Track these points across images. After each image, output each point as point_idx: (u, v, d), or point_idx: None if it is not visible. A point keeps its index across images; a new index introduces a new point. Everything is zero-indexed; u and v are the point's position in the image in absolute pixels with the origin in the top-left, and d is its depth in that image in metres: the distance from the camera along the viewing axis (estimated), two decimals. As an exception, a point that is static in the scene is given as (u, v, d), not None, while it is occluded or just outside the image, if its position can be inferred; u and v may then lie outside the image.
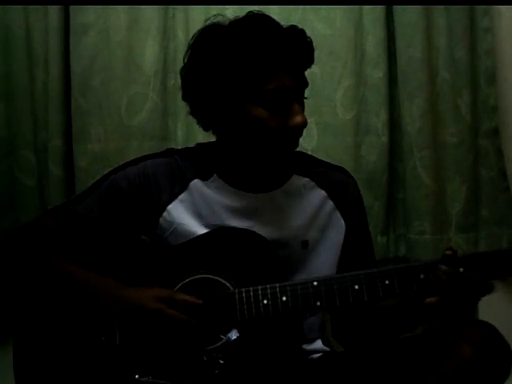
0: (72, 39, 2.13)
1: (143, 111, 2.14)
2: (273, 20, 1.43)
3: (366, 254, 1.64)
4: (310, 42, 1.45)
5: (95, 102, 2.13)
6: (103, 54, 2.13)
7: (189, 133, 2.11)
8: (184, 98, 1.51)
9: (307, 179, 1.59)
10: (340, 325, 1.64)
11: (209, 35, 1.45)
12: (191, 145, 1.69)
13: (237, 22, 1.44)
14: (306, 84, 1.46)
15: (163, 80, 2.14)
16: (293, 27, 1.43)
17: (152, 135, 2.14)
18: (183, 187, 1.54)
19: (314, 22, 2.09)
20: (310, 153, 1.94)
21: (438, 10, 2.11)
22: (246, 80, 1.38)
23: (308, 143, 2.09)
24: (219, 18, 1.48)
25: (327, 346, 1.61)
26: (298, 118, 1.40)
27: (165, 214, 1.53)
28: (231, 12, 1.89)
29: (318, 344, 1.60)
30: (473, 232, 2.15)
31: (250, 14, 1.46)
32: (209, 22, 1.48)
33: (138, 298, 1.39)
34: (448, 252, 1.37)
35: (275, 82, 1.38)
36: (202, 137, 1.80)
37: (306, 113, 1.45)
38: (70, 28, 2.13)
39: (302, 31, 1.44)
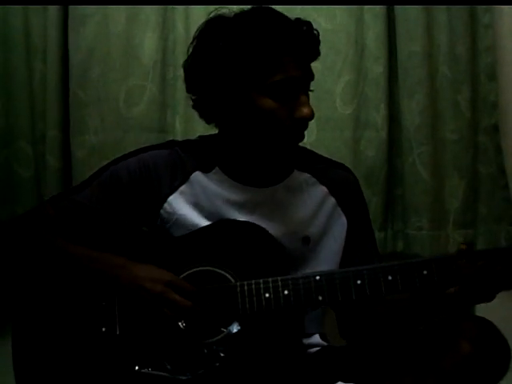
0: (70, 31, 2.12)
1: (141, 103, 2.13)
2: (279, 12, 1.43)
3: (370, 249, 1.64)
4: (317, 34, 1.46)
5: (93, 94, 2.12)
6: (102, 45, 2.12)
7: (187, 125, 2.09)
8: (188, 91, 1.50)
9: (308, 175, 1.59)
10: (347, 321, 1.64)
11: (215, 27, 1.44)
12: (190, 137, 1.69)
13: (243, 14, 1.43)
14: (312, 76, 1.46)
15: (162, 72, 2.14)
16: (299, 19, 1.44)
17: (150, 127, 2.13)
18: (184, 179, 1.54)
19: (314, 16, 2.07)
20: (309, 147, 1.94)
21: (439, 6, 2.11)
22: (254, 71, 1.38)
23: (307, 137, 2.04)
24: (224, 11, 1.47)
25: (325, 341, 1.61)
26: (306, 110, 1.41)
27: (165, 205, 1.53)
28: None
29: (316, 338, 1.60)
30: (471, 228, 2.15)
31: (255, 7, 1.45)
32: (213, 14, 1.47)
33: (141, 279, 1.39)
34: (463, 246, 1.36)
35: (283, 73, 1.38)
36: (201, 129, 1.79)
37: (308, 106, 1.44)
38: (68, 19, 2.12)
39: (309, 23, 1.44)
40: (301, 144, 1.53)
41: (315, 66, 1.59)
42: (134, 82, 2.13)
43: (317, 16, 2.08)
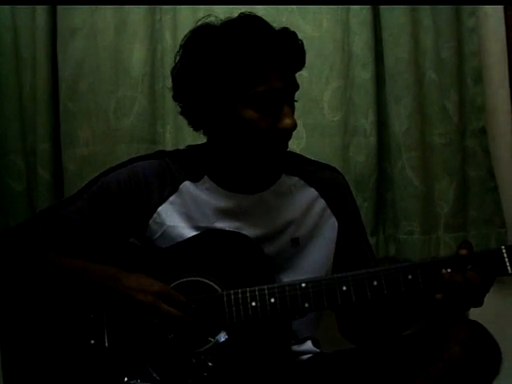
0: (59, 43, 2.14)
1: (131, 114, 2.13)
2: (264, 22, 1.43)
3: (364, 249, 1.65)
4: (302, 44, 1.45)
5: (83, 106, 2.13)
6: (91, 57, 2.13)
7: (177, 136, 2.10)
8: (175, 99, 1.50)
9: (297, 178, 1.59)
10: (347, 321, 1.65)
11: (201, 36, 1.44)
12: (180, 147, 1.69)
13: (229, 24, 1.43)
14: (296, 87, 1.46)
15: (151, 83, 2.14)
16: (284, 29, 1.43)
17: (140, 138, 2.14)
18: (173, 189, 1.54)
19: (300, 23, 2.09)
20: (298, 153, 1.95)
21: (425, 10, 2.12)
22: (236, 82, 1.38)
23: (296, 145, 2.09)
24: (211, 19, 1.47)
25: (316, 347, 1.61)
26: (288, 121, 1.41)
27: (155, 215, 1.53)
28: (218, 14, 1.88)
29: (308, 345, 1.60)
30: (461, 232, 2.14)
31: (241, 15, 1.45)
32: (200, 23, 1.48)
33: (132, 289, 1.40)
34: (463, 252, 1.37)
35: (266, 84, 1.38)
36: (191, 140, 1.80)
37: (294, 114, 1.45)
38: (57, 32, 2.13)
39: (294, 34, 1.44)
40: (290, 150, 1.53)
41: (302, 73, 1.59)
42: (123, 94, 2.14)
43: (303, 23, 2.10)
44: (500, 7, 2.18)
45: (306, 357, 1.59)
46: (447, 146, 2.12)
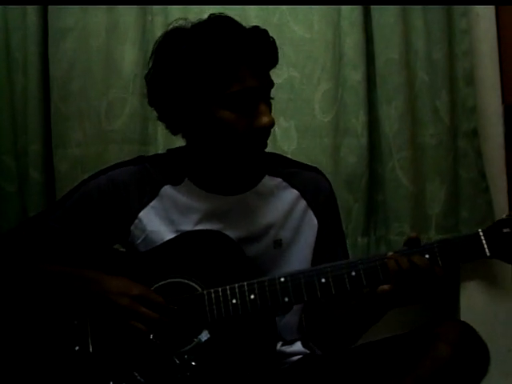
0: (51, 44, 2.13)
1: (123, 115, 2.14)
2: (235, 21, 1.43)
3: (340, 252, 1.63)
4: (273, 41, 1.45)
5: (75, 107, 2.13)
6: (82, 58, 2.13)
7: (169, 137, 2.07)
8: (150, 104, 1.51)
9: (279, 179, 1.59)
10: (313, 325, 1.63)
11: (172, 39, 1.45)
12: (161, 152, 1.70)
13: (199, 25, 1.44)
14: (271, 84, 1.46)
15: (142, 84, 2.08)
16: (255, 28, 1.43)
17: (132, 139, 2.14)
18: (154, 194, 1.54)
19: (292, 25, 2.09)
20: (290, 155, 1.95)
21: (416, 11, 2.12)
22: (210, 84, 1.38)
23: (288, 146, 2.09)
24: (181, 22, 1.48)
25: (307, 348, 1.61)
26: (265, 119, 1.40)
27: (136, 221, 1.53)
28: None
29: (298, 346, 1.60)
30: (453, 233, 2.13)
31: (211, 17, 1.46)
32: (171, 27, 1.49)
33: (110, 292, 1.39)
34: (413, 235, 1.39)
35: (239, 84, 1.38)
36: (182, 141, 1.79)
37: (285, 115, 1.45)
38: (48, 33, 2.13)
39: (265, 31, 1.44)
40: (281, 152, 1.53)
41: (293, 74, 1.58)
42: (114, 95, 2.14)
43: (294, 24, 2.10)
44: (492, 8, 2.19)
45: (295, 358, 1.58)
46: (438, 147, 2.13)
